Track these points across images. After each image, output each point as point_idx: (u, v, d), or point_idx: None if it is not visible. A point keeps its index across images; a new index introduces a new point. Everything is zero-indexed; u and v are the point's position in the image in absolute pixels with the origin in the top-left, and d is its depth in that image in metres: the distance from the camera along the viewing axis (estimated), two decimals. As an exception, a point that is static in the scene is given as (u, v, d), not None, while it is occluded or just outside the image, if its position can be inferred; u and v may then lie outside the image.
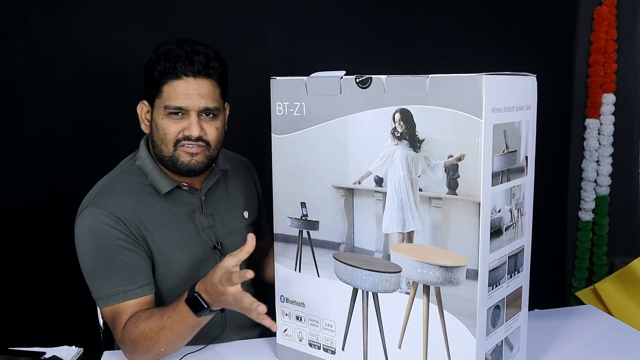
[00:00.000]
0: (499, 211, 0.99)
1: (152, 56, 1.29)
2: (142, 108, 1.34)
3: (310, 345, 1.21)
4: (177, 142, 1.28)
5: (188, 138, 1.28)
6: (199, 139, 1.28)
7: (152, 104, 1.31)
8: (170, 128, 1.28)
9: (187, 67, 1.25)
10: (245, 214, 1.47)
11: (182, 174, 1.33)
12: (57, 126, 1.96)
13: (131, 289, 1.26)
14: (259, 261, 1.47)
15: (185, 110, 1.27)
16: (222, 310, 1.20)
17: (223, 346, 1.35)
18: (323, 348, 1.18)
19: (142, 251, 1.29)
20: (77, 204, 1.32)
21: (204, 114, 1.29)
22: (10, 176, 1.96)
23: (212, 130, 1.31)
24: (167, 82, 1.26)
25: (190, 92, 1.26)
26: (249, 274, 1.08)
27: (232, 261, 1.13)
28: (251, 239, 1.13)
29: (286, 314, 1.23)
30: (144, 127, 1.35)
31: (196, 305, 1.17)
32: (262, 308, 1.08)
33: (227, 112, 1.40)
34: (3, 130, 1.94)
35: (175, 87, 1.26)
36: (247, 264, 1.45)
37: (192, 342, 1.29)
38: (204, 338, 1.31)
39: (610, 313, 2.22)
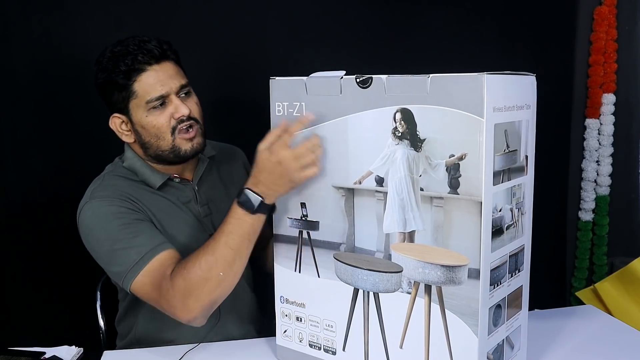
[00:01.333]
0: (500, 210, 0.99)
1: (102, 67, 1.27)
2: (115, 121, 1.33)
3: (310, 346, 1.20)
4: (173, 130, 1.29)
5: (181, 120, 1.29)
6: (190, 117, 1.29)
7: (126, 111, 1.30)
8: (159, 120, 1.28)
9: (147, 57, 1.25)
10: None
11: (187, 159, 1.33)
12: (58, 126, 1.96)
13: (157, 243, 1.23)
14: (259, 253, 1.44)
15: (166, 95, 1.27)
16: (272, 209, 1.17)
17: (222, 346, 1.35)
18: (324, 349, 1.18)
19: (151, 222, 1.29)
20: (78, 203, 1.31)
21: (181, 93, 1.30)
22: (10, 177, 1.95)
23: (194, 106, 1.32)
24: (136, 80, 1.26)
25: (162, 77, 1.26)
26: (310, 116, 1.09)
27: (266, 144, 1.13)
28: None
29: (286, 315, 1.23)
30: (126, 138, 1.34)
31: (250, 200, 1.14)
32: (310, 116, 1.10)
33: None
34: (3, 130, 1.94)
35: (146, 80, 1.26)
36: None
37: (189, 337, 1.29)
38: (200, 329, 1.31)
39: (610, 313, 2.22)
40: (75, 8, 1.91)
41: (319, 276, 1.16)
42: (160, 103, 1.27)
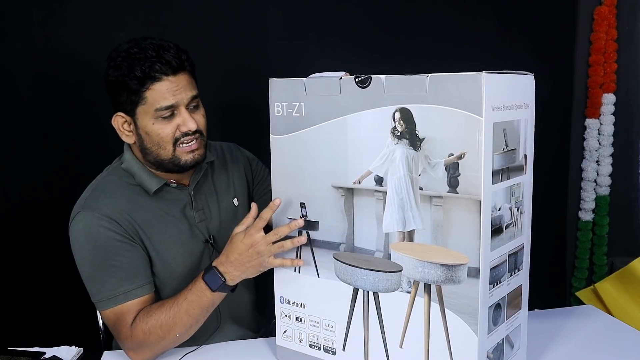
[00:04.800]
0: (499, 209, 0.99)
1: (115, 65, 1.25)
2: (118, 120, 1.31)
3: (310, 346, 1.20)
4: (175, 142, 1.28)
5: (186, 134, 1.28)
6: (195, 131, 1.29)
7: (132, 113, 1.28)
8: (165, 130, 1.27)
9: (165, 67, 1.24)
10: (235, 202, 1.47)
11: (186, 170, 1.33)
12: (57, 126, 1.96)
13: (131, 289, 1.26)
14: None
15: (176, 106, 1.26)
16: (233, 289, 1.24)
17: (222, 347, 1.35)
18: (323, 349, 1.18)
19: (140, 249, 1.29)
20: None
21: (191, 106, 1.29)
22: (10, 176, 1.96)
23: (201, 119, 1.32)
24: (149, 87, 1.24)
25: (174, 88, 1.25)
26: (277, 201, 1.17)
27: (242, 227, 1.21)
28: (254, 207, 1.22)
29: (286, 315, 1.23)
30: (126, 138, 1.33)
31: (213, 279, 1.21)
32: (300, 222, 1.16)
33: None
34: (3, 130, 1.94)
35: (159, 89, 1.24)
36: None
37: (190, 341, 1.29)
38: (201, 334, 1.31)
39: (610, 313, 2.22)
40: (76, 8, 1.91)
41: (318, 276, 1.16)
42: (169, 113, 1.26)
